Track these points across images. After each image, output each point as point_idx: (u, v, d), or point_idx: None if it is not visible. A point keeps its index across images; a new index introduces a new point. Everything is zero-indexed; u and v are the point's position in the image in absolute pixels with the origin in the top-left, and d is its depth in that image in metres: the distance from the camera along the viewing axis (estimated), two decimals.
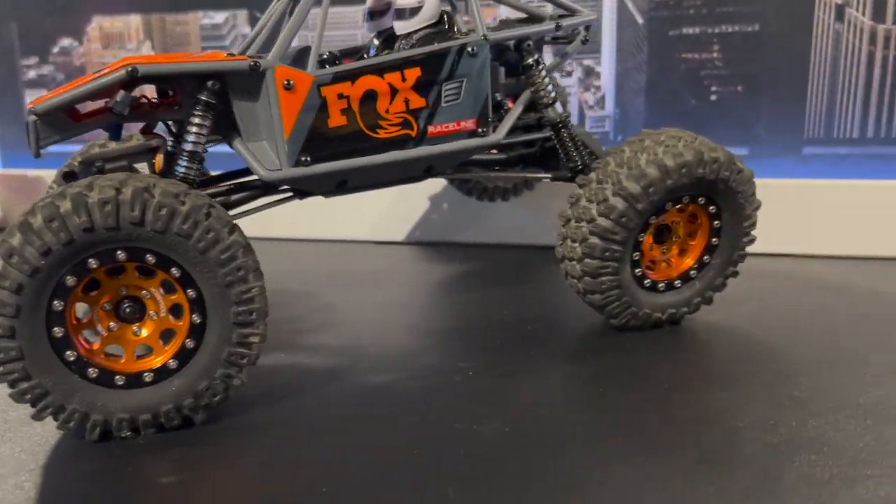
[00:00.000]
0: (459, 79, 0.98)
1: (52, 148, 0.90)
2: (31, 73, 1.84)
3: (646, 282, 1.03)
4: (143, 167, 0.95)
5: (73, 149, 1.18)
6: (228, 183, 1.00)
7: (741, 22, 1.46)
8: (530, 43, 1.04)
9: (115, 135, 0.96)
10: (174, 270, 0.78)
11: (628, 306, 1.02)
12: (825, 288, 1.22)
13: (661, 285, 1.04)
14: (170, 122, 0.98)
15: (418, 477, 0.74)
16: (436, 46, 0.97)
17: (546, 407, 0.87)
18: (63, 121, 0.88)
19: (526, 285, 1.27)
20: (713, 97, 1.50)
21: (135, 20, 1.77)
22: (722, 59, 1.48)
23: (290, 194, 1.02)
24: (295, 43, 0.99)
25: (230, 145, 0.94)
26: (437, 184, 1.49)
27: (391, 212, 1.54)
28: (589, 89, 1.56)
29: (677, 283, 1.05)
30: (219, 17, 1.72)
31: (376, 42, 1.11)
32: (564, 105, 1.36)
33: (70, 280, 0.75)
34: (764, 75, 1.47)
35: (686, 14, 1.48)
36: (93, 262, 0.76)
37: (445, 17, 1.02)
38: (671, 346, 1.01)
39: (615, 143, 1.55)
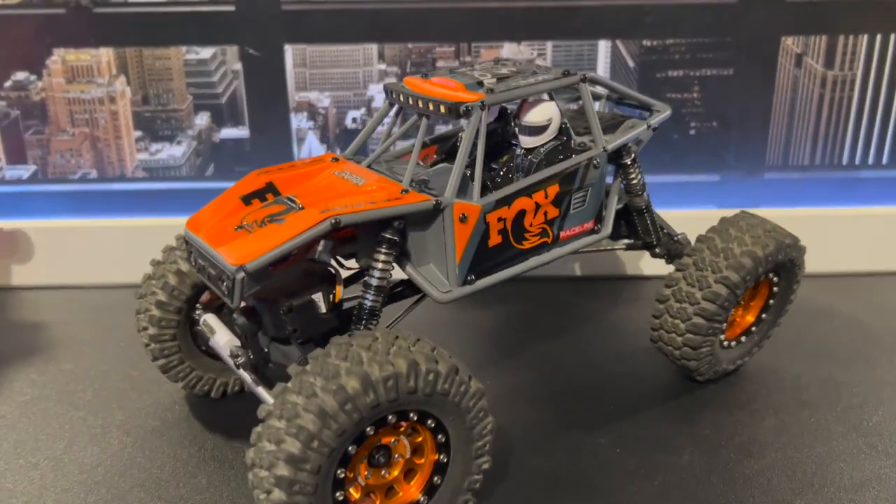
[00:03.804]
0: (586, 188, 1.10)
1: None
2: None
3: (724, 343, 1.23)
4: None
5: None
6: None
7: (717, 67, 1.65)
8: (630, 146, 1.17)
9: None
10: (430, 422, 0.86)
11: (714, 365, 1.21)
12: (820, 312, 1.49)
13: (732, 343, 1.24)
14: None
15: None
16: (572, 161, 1.07)
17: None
18: (265, 272, 0.90)
19: (588, 325, 1.44)
20: (692, 131, 1.70)
21: (105, 53, 1.66)
22: (700, 99, 1.68)
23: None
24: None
25: (401, 268, 1.01)
26: None
27: None
28: None
29: (742, 338, 1.26)
30: (205, 52, 1.66)
31: None
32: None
33: (352, 449, 0.82)
34: (734, 112, 1.68)
35: (671, 59, 1.65)
36: (370, 430, 0.82)
37: (563, 126, 1.12)
38: (747, 398, 1.22)
39: None
